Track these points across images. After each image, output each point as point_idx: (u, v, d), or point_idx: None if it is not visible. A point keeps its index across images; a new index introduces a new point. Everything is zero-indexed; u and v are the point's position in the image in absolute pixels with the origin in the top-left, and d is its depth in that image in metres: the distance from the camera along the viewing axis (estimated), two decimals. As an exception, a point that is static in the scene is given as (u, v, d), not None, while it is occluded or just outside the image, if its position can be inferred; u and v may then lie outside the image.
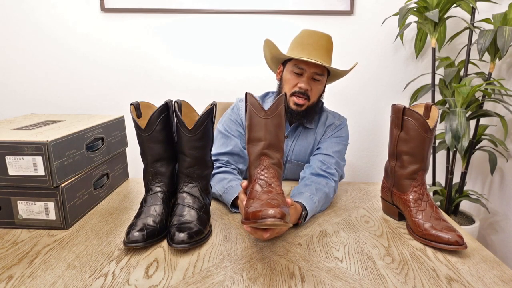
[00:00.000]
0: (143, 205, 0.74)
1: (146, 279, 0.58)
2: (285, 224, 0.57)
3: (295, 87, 1.00)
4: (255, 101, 0.68)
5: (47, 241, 0.71)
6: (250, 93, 0.70)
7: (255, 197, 0.63)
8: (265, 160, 0.68)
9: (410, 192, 0.77)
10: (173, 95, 1.88)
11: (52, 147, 0.72)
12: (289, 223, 0.59)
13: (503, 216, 1.71)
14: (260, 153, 0.68)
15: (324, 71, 1.01)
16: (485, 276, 0.60)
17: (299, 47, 1.01)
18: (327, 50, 1.00)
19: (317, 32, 1.00)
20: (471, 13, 1.57)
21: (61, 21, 1.79)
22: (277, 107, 0.68)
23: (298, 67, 0.99)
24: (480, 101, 1.53)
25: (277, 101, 0.68)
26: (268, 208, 0.57)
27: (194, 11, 1.76)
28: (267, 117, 0.67)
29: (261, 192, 0.64)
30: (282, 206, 0.59)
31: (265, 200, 0.61)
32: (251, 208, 0.59)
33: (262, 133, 0.68)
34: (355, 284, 0.58)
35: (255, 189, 0.66)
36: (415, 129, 0.75)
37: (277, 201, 0.61)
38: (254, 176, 0.68)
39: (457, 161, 1.81)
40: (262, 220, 0.56)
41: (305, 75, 0.99)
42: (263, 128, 0.68)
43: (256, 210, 0.58)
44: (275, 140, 0.68)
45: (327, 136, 1.07)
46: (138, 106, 0.76)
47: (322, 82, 1.02)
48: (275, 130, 0.68)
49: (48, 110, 1.91)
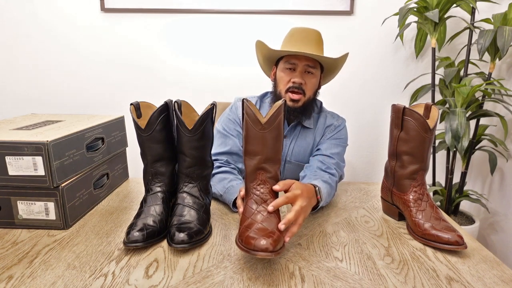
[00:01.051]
0: (143, 205, 0.74)
1: (146, 279, 0.58)
2: (276, 255, 0.57)
3: (289, 82, 1.00)
4: (251, 112, 0.64)
5: (47, 241, 0.71)
6: (248, 100, 0.66)
7: (249, 216, 0.63)
8: (262, 174, 0.66)
9: (410, 192, 0.77)
10: (173, 95, 1.88)
11: (52, 147, 0.72)
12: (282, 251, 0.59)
13: (503, 216, 1.71)
14: (256, 167, 0.66)
15: (316, 64, 1.01)
16: (485, 276, 0.60)
17: (288, 44, 1.02)
18: (317, 43, 1.01)
19: (306, 28, 1.01)
20: (471, 13, 1.57)
21: (61, 21, 1.79)
22: (275, 119, 0.64)
23: (289, 62, 1.00)
24: (480, 101, 1.53)
25: (276, 112, 0.64)
26: (261, 238, 0.56)
27: (194, 11, 1.76)
28: (264, 131, 0.64)
29: (255, 211, 0.64)
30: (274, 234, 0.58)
31: (259, 224, 0.60)
32: (245, 232, 0.60)
33: (259, 147, 0.65)
34: (355, 284, 0.58)
35: (250, 205, 0.65)
36: (415, 129, 0.75)
37: (271, 223, 0.61)
38: (250, 191, 0.67)
39: (457, 161, 1.81)
40: (254, 252, 0.56)
41: (297, 70, 0.99)
42: (260, 142, 0.65)
43: (249, 236, 0.58)
44: (273, 153, 0.66)
45: (327, 137, 1.07)
46: (138, 106, 0.76)
47: (316, 76, 1.02)
48: (273, 143, 0.65)
49: (48, 110, 1.91)
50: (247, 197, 0.67)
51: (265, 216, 0.62)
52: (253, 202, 0.65)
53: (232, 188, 0.88)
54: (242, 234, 0.60)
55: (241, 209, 0.66)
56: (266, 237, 0.57)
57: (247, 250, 0.57)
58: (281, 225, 0.61)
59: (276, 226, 0.61)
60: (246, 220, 0.63)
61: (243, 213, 0.65)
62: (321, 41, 1.02)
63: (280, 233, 0.60)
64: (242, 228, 0.61)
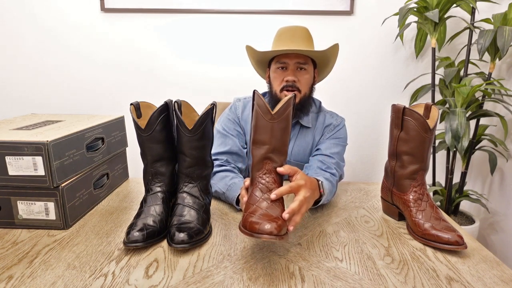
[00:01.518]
0: (143, 205, 0.74)
1: (146, 279, 0.58)
2: (280, 239, 0.57)
3: (282, 82, 1.01)
4: (262, 102, 0.66)
5: (47, 241, 0.71)
6: (258, 92, 0.67)
7: (254, 203, 0.64)
8: (268, 163, 0.67)
9: (410, 192, 0.77)
10: (173, 95, 1.88)
11: (52, 147, 0.72)
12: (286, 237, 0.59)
13: (503, 216, 1.71)
14: (263, 157, 0.67)
15: (307, 60, 1.01)
16: (485, 276, 0.60)
17: (276, 44, 1.03)
18: (305, 39, 1.02)
19: (292, 26, 1.03)
20: (471, 13, 1.57)
21: (61, 21, 1.79)
22: (284, 110, 0.66)
23: (280, 62, 1.01)
24: (480, 101, 1.53)
25: (286, 104, 0.66)
26: (265, 222, 0.57)
27: (194, 11, 1.76)
28: (273, 121, 0.65)
29: (260, 198, 0.64)
30: (279, 219, 0.59)
31: (264, 210, 0.61)
32: (249, 218, 0.60)
33: (267, 136, 0.66)
34: (355, 284, 0.58)
35: (255, 193, 0.66)
36: (415, 129, 0.75)
37: (275, 211, 0.61)
38: (255, 179, 0.68)
39: (457, 161, 1.81)
40: (258, 235, 0.56)
41: (289, 68, 1.00)
42: (269, 131, 0.66)
43: (253, 221, 0.58)
44: (280, 144, 0.67)
45: (326, 137, 1.07)
46: (138, 106, 0.76)
47: (309, 71, 1.02)
48: (281, 134, 0.66)
49: (48, 110, 1.91)
50: (252, 186, 0.68)
51: (269, 204, 0.63)
52: (258, 190, 0.65)
53: (234, 185, 0.88)
54: (246, 220, 0.60)
55: (245, 199, 0.67)
56: (271, 221, 0.57)
57: (251, 234, 0.57)
58: (284, 214, 0.61)
59: (280, 213, 0.61)
60: (251, 207, 0.63)
61: (248, 201, 0.65)
62: (309, 37, 1.03)
63: (284, 221, 0.60)
64: (246, 215, 0.61)
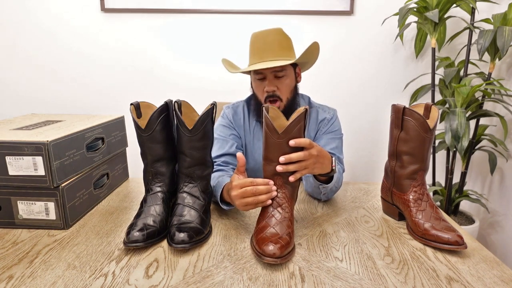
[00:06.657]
0: (143, 205, 0.74)
1: (146, 279, 0.58)
2: (281, 261, 0.61)
3: (264, 92, 1.01)
4: (269, 122, 0.67)
5: (47, 241, 0.71)
6: (266, 111, 0.68)
7: (264, 218, 0.68)
8: (279, 179, 0.70)
9: (410, 192, 0.77)
10: (173, 95, 1.88)
11: (52, 147, 0.72)
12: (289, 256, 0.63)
13: (503, 216, 1.71)
14: (273, 173, 0.70)
15: (284, 66, 0.99)
16: (485, 276, 0.60)
17: (250, 54, 1.02)
18: (278, 44, 0.98)
19: (263, 31, 0.99)
20: (471, 13, 1.57)
21: (61, 21, 1.79)
22: (293, 128, 0.66)
23: (257, 73, 1.00)
24: (480, 101, 1.53)
25: (294, 121, 0.66)
26: (269, 244, 0.62)
27: (194, 11, 1.76)
28: (280, 140, 0.67)
29: (270, 214, 0.68)
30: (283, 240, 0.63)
31: (272, 227, 0.66)
32: (258, 233, 0.66)
33: (276, 154, 0.68)
34: (355, 284, 0.58)
35: (266, 208, 0.69)
36: (415, 129, 0.75)
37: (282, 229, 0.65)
38: None
39: (457, 161, 1.81)
40: (262, 257, 0.61)
41: (267, 78, 0.99)
42: (277, 150, 0.68)
43: (262, 238, 0.64)
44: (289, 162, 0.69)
45: (322, 132, 1.08)
46: (138, 106, 0.76)
47: (288, 76, 1.01)
48: (290, 151, 0.67)
49: (48, 110, 1.91)
50: None
51: (277, 220, 0.67)
52: (270, 206, 0.69)
53: (222, 181, 0.84)
54: (256, 236, 0.66)
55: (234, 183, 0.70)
56: (275, 242, 0.62)
57: (258, 254, 0.63)
58: (281, 158, 0.66)
59: (287, 232, 0.65)
60: (261, 222, 0.68)
61: (260, 214, 0.70)
62: (282, 41, 0.99)
63: (288, 240, 0.64)
64: (257, 230, 0.67)
